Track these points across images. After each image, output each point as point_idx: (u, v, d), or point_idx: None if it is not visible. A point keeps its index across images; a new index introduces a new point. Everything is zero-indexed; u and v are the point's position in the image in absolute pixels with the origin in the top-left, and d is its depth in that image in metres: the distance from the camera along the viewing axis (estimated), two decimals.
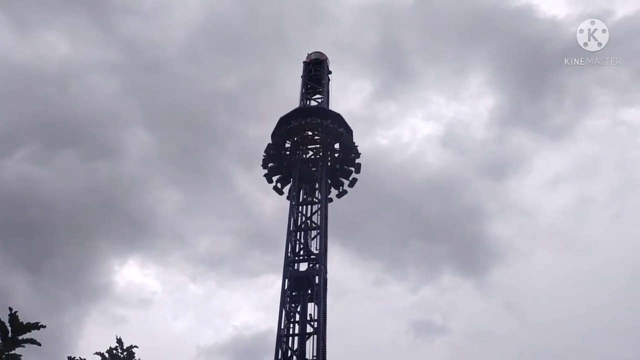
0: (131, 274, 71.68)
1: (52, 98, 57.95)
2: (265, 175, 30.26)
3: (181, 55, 65.14)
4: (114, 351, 18.76)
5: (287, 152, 30.10)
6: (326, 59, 34.05)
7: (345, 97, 29.05)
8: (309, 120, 29.49)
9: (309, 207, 28.10)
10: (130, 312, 60.73)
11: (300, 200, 28.31)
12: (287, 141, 30.03)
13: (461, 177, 60.87)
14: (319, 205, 27.77)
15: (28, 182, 53.79)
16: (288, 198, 29.25)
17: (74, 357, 18.21)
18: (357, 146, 30.11)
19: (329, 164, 29.68)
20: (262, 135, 31.26)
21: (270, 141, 30.14)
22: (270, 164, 30.20)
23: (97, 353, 18.86)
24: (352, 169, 30.08)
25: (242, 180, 60.18)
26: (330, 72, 33.89)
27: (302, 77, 33.25)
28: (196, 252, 60.29)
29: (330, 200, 29.42)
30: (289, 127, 29.67)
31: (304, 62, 33.89)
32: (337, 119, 29.93)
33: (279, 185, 30.29)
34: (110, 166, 59.53)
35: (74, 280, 54.79)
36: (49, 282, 52.08)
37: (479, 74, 66.95)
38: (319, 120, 29.50)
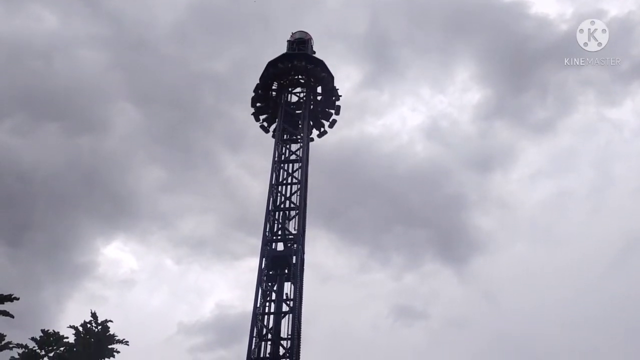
0: (113, 253, 70.40)
1: (37, 71, 57.59)
2: (252, 114, 32.13)
3: (168, 35, 64.70)
4: (88, 325, 19.12)
5: (274, 94, 31.92)
6: (310, 38, 34.43)
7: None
8: (295, 63, 31.20)
9: (289, 187, 28.09)
10: (112, 292, 59.09)
11: (284, 139, 29.51)
12: (275, 83, 31.80)
13: (445, 169, 62.27)
14: (301, 144, 28.84)
15: (9, 154, 53.13)
16: (273, 137, 30.78)
17: (48, 330, 18.68)
18: (337, 89, 32.06)
19: (311, 106, 31.43)
20: (248, 117, 32.27)
21: (258, 82, 31.70)
22: (258, 104, 32.08)
23: (71, 327, 19.09)
24: (332, 111, 32.07)
25: (228, 163, 61.35)
26: (314, 52, 34.15)
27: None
28: (179, 233, 60.22)
29: (312, 139, 31.11)
30: (276, 69, 31.36)
31: (288, 40, 34.31)
32: (321, 64, 31.70)
33: (265, 124, 32.10)
34: (93, 141, 59.24)
35: (53, 256, 54.06)
36: (28, 256, 51.60)
37: (466, 68, 67.87)
38: (304, 64, 31.23)
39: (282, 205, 27.14)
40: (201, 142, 61.80)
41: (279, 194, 27.54)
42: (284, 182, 28.14)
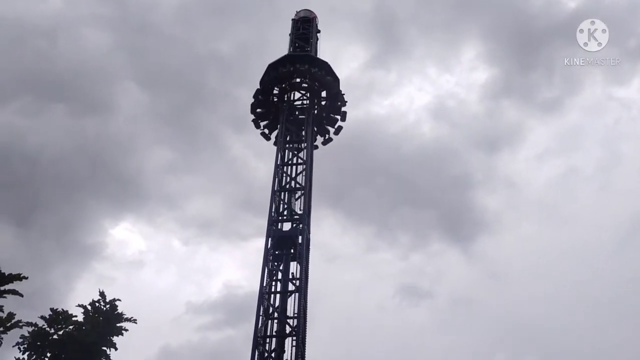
0: (121, 234, 71.55)
1: (42, 52, 58.17)
2: (253, 120, 30.97)
3: (172, 16, 65.60)
4: (97, 304, 19.45)
5: (275, 99, 30.64)
6: (315, 17, 33.84)
7: (339, 63, 29.61)
8: (297, 66, 29.93)
9: (294, 167, 28.12)
10: (120, 273, 60.27)
11: (286, 147, 28.60)
12: (276, 87, 30.52)
13: (452, 149, 62.25)
14: (305, 153, 28.14)
15: (15, 135, 53.65)
16: (275, 144, 29.68)
17: (57, 309, 19.02)
18: (343, 94, 30.81)
19: (315, 112, 30.30)
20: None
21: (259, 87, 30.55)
22: (258, 110, 30.84)
23: (79, 305, 19.42)
24: (338, 117, 30.71)
25: (233, 143, 61.58)
26: (319, 31, 33.63)
27: (290, 35, 32.85)
28: (186, 214, 61.38)
29: (316, 147, 30.15)
30: (277, 73, 30.15)
31: (292, 19, 33.74)
32: (325, 67, 30.48)
33: (266, 131, 30.92)
34: (99, 122, 59.90)
35: (62, 237, 54.99)
36: (36, 236, 52.29)
37: (473, 47, 68.27)
38: (307, 67, 30.01)
39: (287, 186, 27.22)
40: (206, 123, 62.22)
41: (284, 175, 27.59)
42: (290, 162, 28.20)
